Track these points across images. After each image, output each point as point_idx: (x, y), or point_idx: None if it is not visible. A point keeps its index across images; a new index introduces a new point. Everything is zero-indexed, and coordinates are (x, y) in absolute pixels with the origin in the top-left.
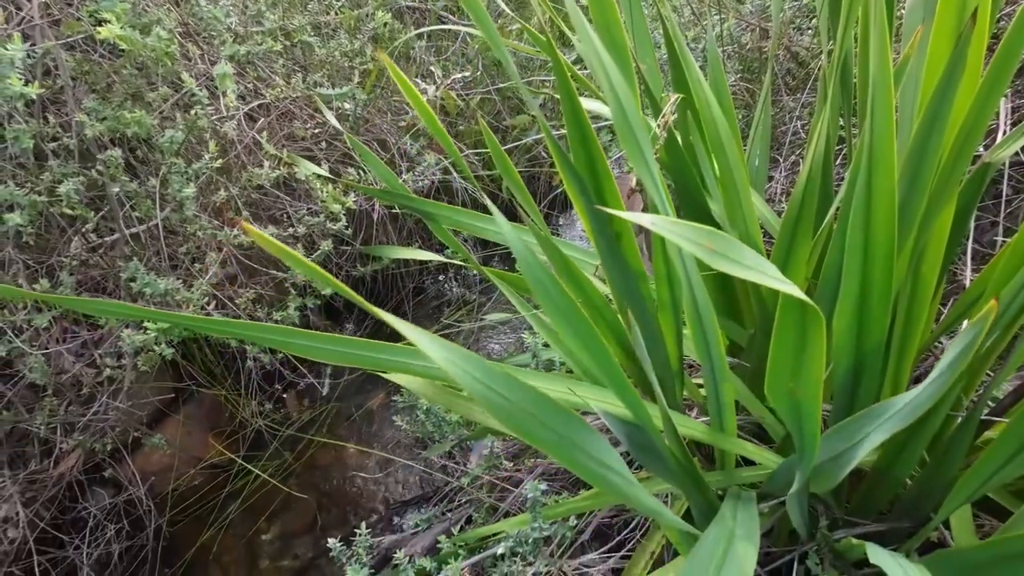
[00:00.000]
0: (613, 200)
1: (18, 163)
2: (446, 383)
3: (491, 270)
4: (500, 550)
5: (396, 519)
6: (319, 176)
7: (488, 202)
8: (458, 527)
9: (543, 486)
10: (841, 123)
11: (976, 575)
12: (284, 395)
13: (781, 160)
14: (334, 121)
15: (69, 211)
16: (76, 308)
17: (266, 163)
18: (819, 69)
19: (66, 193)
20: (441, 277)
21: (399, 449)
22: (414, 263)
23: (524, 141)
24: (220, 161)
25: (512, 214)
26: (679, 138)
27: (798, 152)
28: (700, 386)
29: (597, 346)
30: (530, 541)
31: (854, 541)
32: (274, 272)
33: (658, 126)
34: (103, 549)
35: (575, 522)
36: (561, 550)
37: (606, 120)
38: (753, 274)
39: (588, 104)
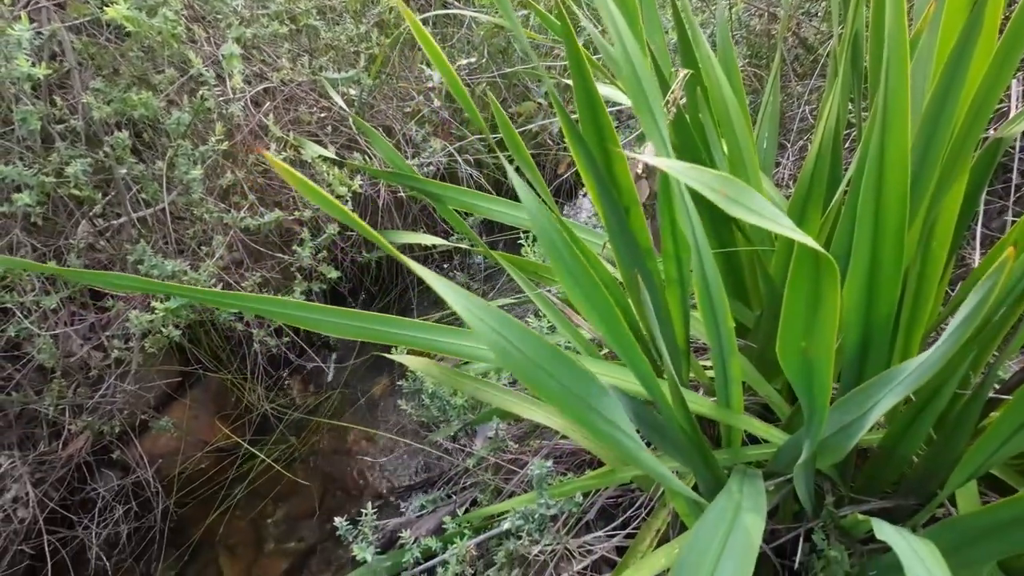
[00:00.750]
0: (623, 174)
1: (26, 146)
2: (455, 370)
3: (498, 253)
4: (506, 525)
5: (400, 503)
6: (325, 159)
7: (511, 171)
8: (463, 509)
9: (549, 463)
10: (850, 108)
11: (980, 540)
12: (289, 381)
13: (788, 146)
14: (341, 102)
15: (77, 192)
16: (91, 282)
17: (272, 145)
18: (827, 55)
19: (74, 174)
20: (446, 265)
21: (403, 435)
22: (419, 251)
23: (530, 126)
24: (226, 144)
25: (517, 200)
26: (687, 117)
27: (805, 137)
28: (706, 368)
29: (610, 313)
30: (536, 516)
31: (860, 517)
32: (280, 256)
33: (666, 103)
34: (111, 529)
35: (580, 499)
36: (567, 527)
37: (616, 105)
38: (766, 222)
39: (599, 89)
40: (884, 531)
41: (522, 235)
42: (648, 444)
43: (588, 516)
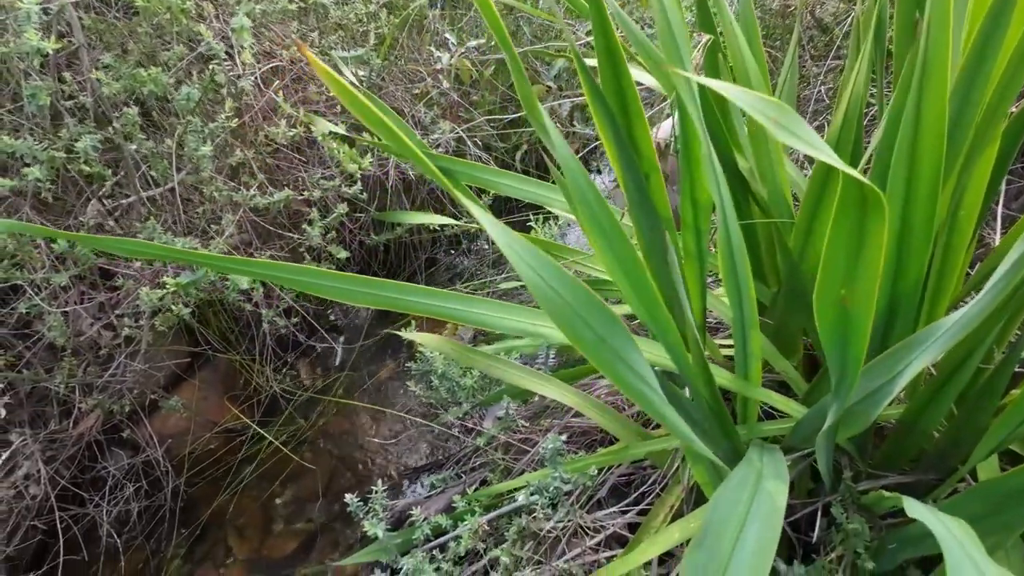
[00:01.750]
0: (644, 139)
1: (35, 123)
2: (468, 347)
3: (527, 236)
4: (521, 499)
5: (408, 484)
6: (336, 136)
7: (549, 123)
8: (472, 489)
9: (563, 437)
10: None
11: (1005, 507)
12: (297, 363)
13: None
14: (352, 78)
15: (87, 168)
16: (112, 248)
17: (283, 122)
18: (844, 35)
19: (84, 149)
20: (453, 251)
21: (413, 416)
22: (427, 235)
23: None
24: (236, 122)
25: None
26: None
27: (821, 117)
28: (721, 346)
29: (637, 270)
30: (551, 489)
31: (886, 494)
32: (289, 235)
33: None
34: (122, 507)
35: (595, 472)
36: (581, 502)
37: (637, 84)
38: (812, 150)
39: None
40: (916, 510)
41: (532, 217)
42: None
43: (600, 494)
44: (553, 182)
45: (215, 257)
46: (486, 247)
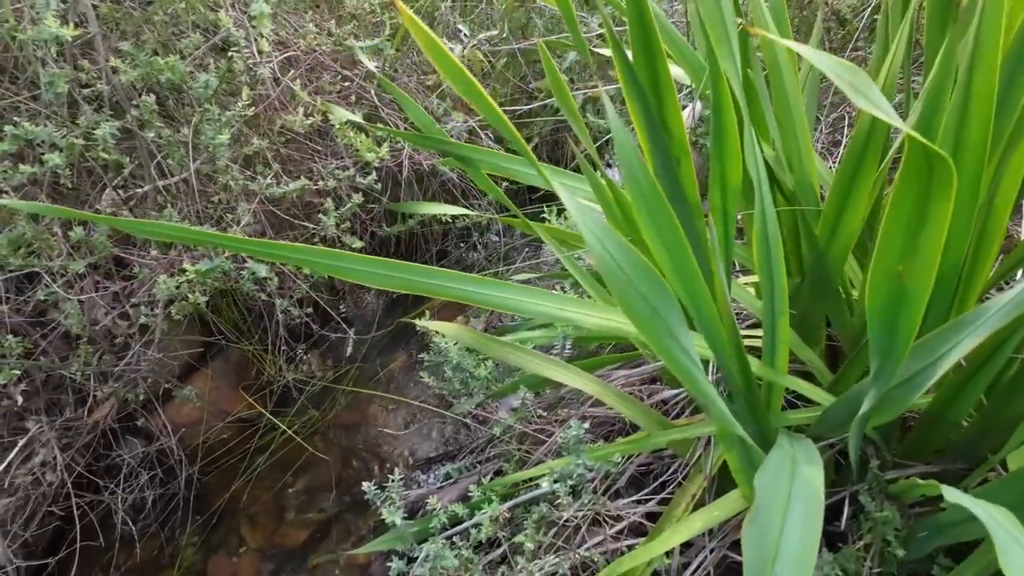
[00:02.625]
0: (676, 121)
1: (51, 111)
2: (487, 335)
3: (538, 224)
4: (544, 485)
5: (420, 475)
6: (353, 125)
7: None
8: (487, 479)
9: (586, 424)
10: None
11: None
12: (308, 354)
13: (821, 119)
14: (371, 65)
15: (105, 155)
16: (139, 232)
17: (300, 110)
18: (861, 28)
19: (102, 136)
20: (463, 244)
21: (423, 410)
22: (438, 227)
23: (551, 100)
24: (253, 110)
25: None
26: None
27: (839, 109)
28: (744, 337)
29: (681, 252)
30: (575, 476)
31: (920, 481)
32: (303, 225)
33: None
34: (137, 495)
35: (619, 459)
36: (604, 487)
37: None
38: (884, 116)
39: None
40: (955, 496)
41: (545, 208)
42: (680, 415)
43: (618, 483)
44: (577, 170)
45: (246, 241)
46: (495, 240)
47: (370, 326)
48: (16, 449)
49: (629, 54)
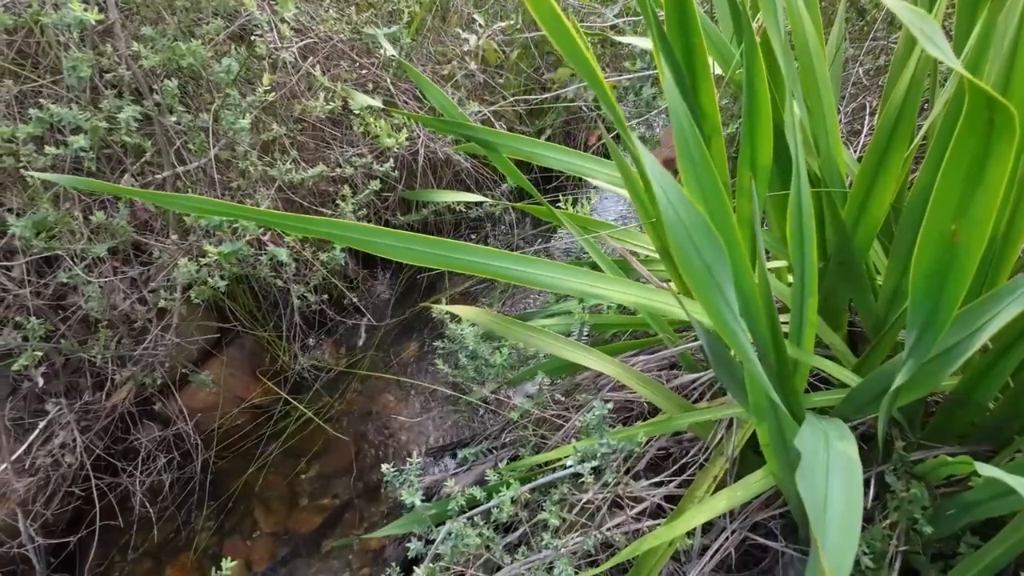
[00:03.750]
0: (709, 99)
1: (73, 96)
2: (508, 318)
3: (562, 212)
4: (569, 461)
5: (434, 462)
6: (372, 110)
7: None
8: (503, 464)
9: (609, 404)
10: None
11: None
12: (322, 343)
13: (841, 107)
14: (392, 50)
15: (127, 139)
16: (171, 205)
17: (321, 95)
18: (880, 19)
19: (125, 120)
20: (473, 236)
21: (435, 397)
22: (450, 217)
23: (566, 91)
24: (272, 95)
25: (547, 175)
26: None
27: (859, 99)
28: None
29: (726, 220)
30: (599, 455)
31: (949, 459)
32: (318, 212)
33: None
34: (155, 478)
35: (643, 438)
36: (623, 469)
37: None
38: (950, 61)
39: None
40: (993, 472)
41: (561, 198)
42: (700, 400)
43: (638, 467)
44: (607, 156)
45: (282, 215)
46: (506, 230)
47: (383, 315)
48: (37, 430)
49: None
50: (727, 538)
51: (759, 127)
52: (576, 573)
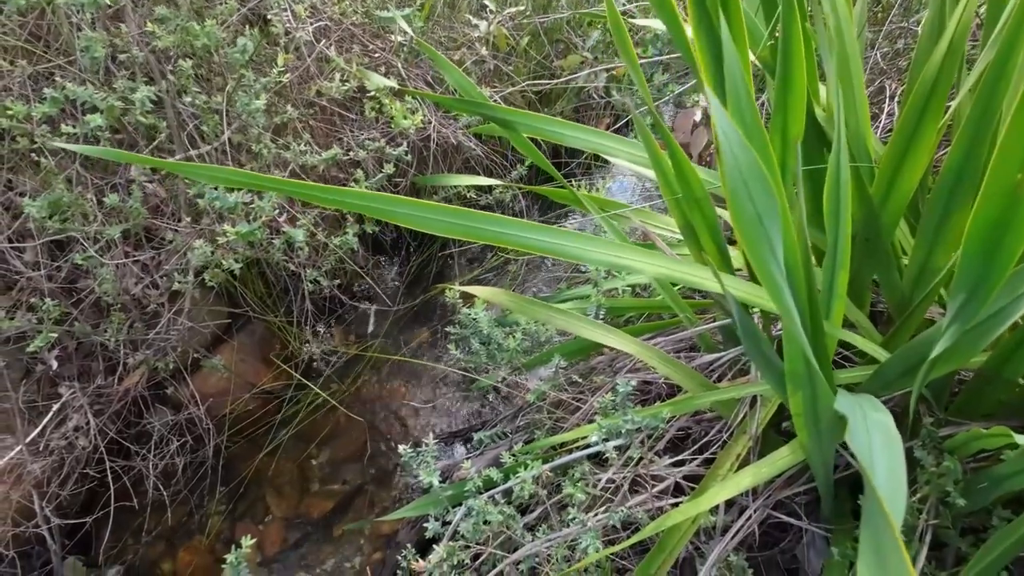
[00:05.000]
0: (744, 64)
1: (86, 77)
2: (527, 298)
3: (583, 194)
4: (593, 438)
5: (445, 447)
6: (387, 92)
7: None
8: (519, 446)
9: (634, 381)
10: None
11: None
12: (332, 329)
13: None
14: (408, 29)
15: (142, 119)
16: (190, 174)
17: (336, 76)
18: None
19: (140, 99)
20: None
21: (447, 384)
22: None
23: (577, 76)
24: (287, 76)
25: (557, 162)
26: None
27: (877, 82)
28: None
29: (772, 171)
30: (624, 432)
31: (984, 431)
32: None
33: None
34: (168, 461)
35: (667, 415)
36: (649, 443)
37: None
38: None
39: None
40: None
41: (573, 181)
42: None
43: (657, 447)
44: (634, 138)
45: (311, 186)
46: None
47: (392, 302)
48: (51, 413)
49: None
50: (750, 516)
51: (793, 96)
52: (599, 550)
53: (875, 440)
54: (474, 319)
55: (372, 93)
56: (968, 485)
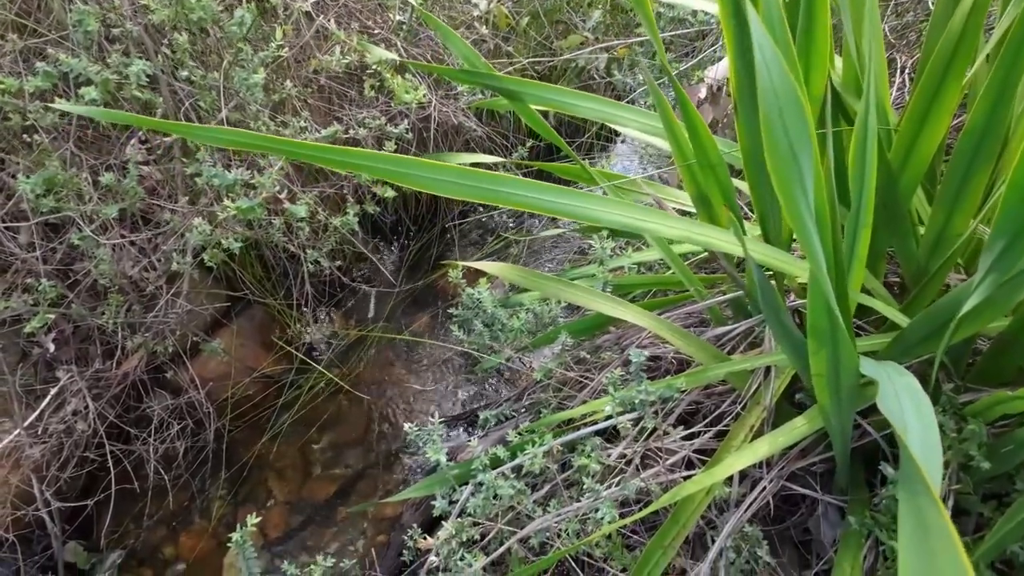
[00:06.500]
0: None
1: (79, 53)
2: (537, 272)
3: (594, 170)
4: (607, 408)
5: (449, 430)
6: (389, 66)
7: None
8: (525, 425)
9: (646, 352)
10: None
11: None
12: (331, 314)
13: None
14: (414, 1)
15: (138, 94)
16: (195, 137)
17: (337, 49)
18: None
19: (135, 73)
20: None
21: (449, 368)
22: None
23: (579, 54)
24: (286, 51)
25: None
26: None
27: (887, 54)
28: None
29: (807, 135)
30: (637, 401)
31: (1009, 393)
32: (330, 174)
33: None
34: (168, 445)
35: (683, 384)
36: (662, 416)
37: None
38: None
39: None
40: None
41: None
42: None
43: (668, 422)
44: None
45: (322, 147)
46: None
47: (392, 286)
48: (48, 397)
49: None
50: (764, 488)
51: (815, 53)
52: (611, 522)
53: (905, 402)
54: (478, 299)
55: (371, 71)
56: (990, 450)
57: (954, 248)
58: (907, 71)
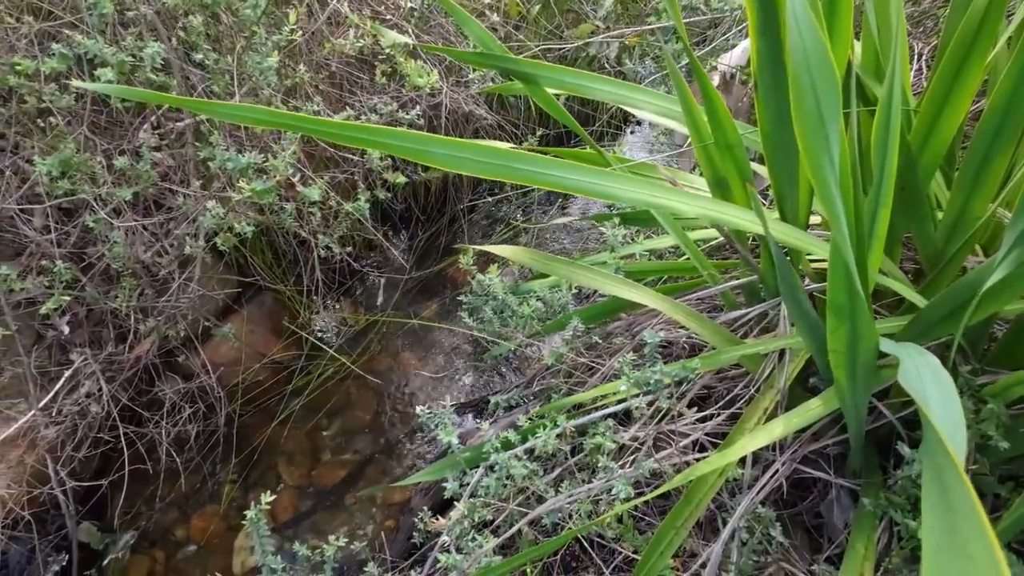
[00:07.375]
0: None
1: (95, 36)
2: (549, 255)
3: (610, 155)
4: (622, 387)
5: (458, 417)
6: (402, 50)
7: None
8: (535, 409)
9: (661, 334)
10: None
11: None
12: (341, 302)
13: None
14: None
15: (153, 76)
16: (213, 114)
17: (351, 32)
18: None
19: (150, 55)
20: (492, 195)
21: (458, 355)
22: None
23: (590, 40)
24: (299, 34)
25: (569, 130)
26: None
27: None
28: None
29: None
30: (652, 381)
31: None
32: (341, 160)
33: None
34: (180, 428)
35: (698, 365)
36: (664, 415)
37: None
38: None
39: None
40: None
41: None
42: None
43: (680, 406)
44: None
45: (341, 124)
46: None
47: (401, 274)
48: (63, 379)
49: None
50: (776, 471)
51: (838, 30)
52: (625, 501)
53: (926, 378)
54: (488, 285)
55: (384, 56)
56: (1008, 431)
57: (972, 231)
58: (924, 58)
